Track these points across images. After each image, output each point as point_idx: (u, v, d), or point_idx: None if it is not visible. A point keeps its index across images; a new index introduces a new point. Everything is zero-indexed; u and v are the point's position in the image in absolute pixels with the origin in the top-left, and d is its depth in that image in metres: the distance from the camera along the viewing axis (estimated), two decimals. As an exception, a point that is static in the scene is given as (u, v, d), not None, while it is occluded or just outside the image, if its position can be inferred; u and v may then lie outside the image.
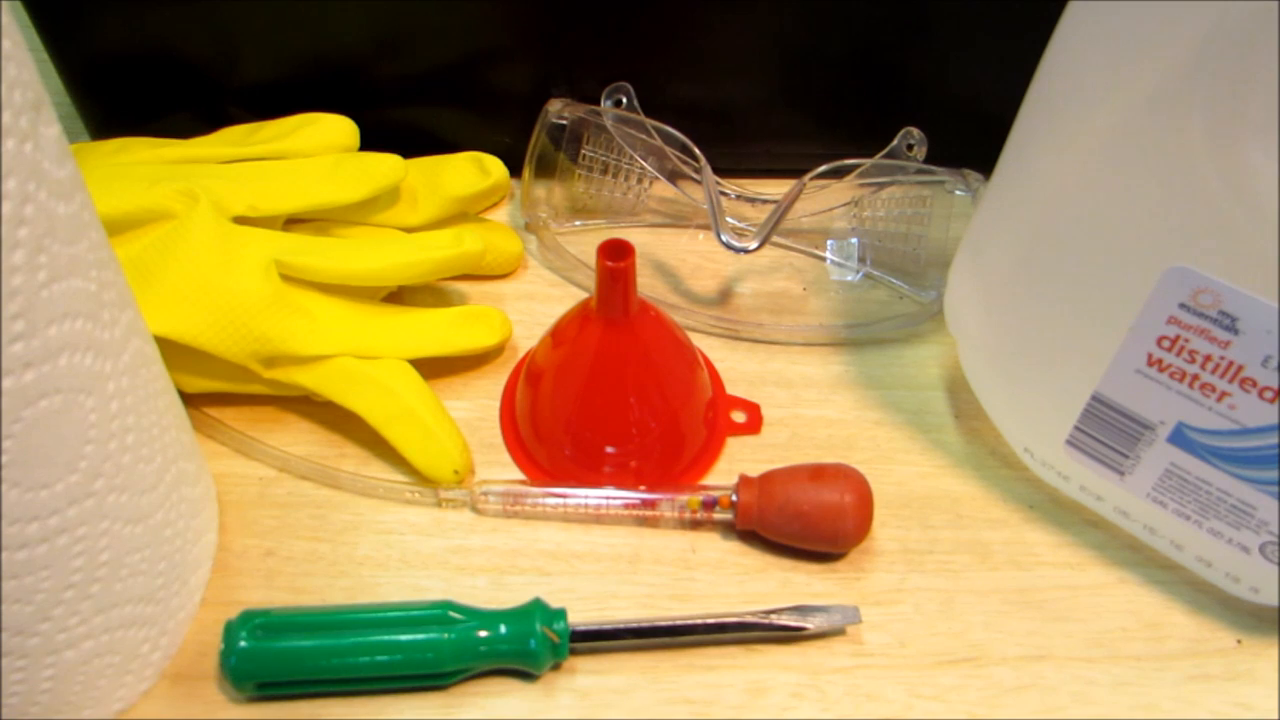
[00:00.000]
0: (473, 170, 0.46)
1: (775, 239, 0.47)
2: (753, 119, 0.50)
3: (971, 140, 0.41)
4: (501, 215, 0.50)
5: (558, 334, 0.39)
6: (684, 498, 0.37)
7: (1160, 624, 0.36)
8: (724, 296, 0.47)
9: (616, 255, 0.35)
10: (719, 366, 0.44)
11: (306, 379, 0.38)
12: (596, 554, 0.37)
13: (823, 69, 0.48)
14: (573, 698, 0.33)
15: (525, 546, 0.37)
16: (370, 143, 0.43)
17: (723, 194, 0.47)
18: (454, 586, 0.36)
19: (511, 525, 0.38)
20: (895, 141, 0.45)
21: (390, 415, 0.38)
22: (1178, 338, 0.30)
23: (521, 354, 0.44)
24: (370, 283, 0.40)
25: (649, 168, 0.47)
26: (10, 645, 0.27)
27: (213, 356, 0.37)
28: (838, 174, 0.44)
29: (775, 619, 0.34)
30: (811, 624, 0.34)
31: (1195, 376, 0.31)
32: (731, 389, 0.43)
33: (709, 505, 0.37)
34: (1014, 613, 0.36)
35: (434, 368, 0.41)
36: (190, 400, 0.39)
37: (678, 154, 0.46)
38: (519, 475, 0.40)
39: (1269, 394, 0.29)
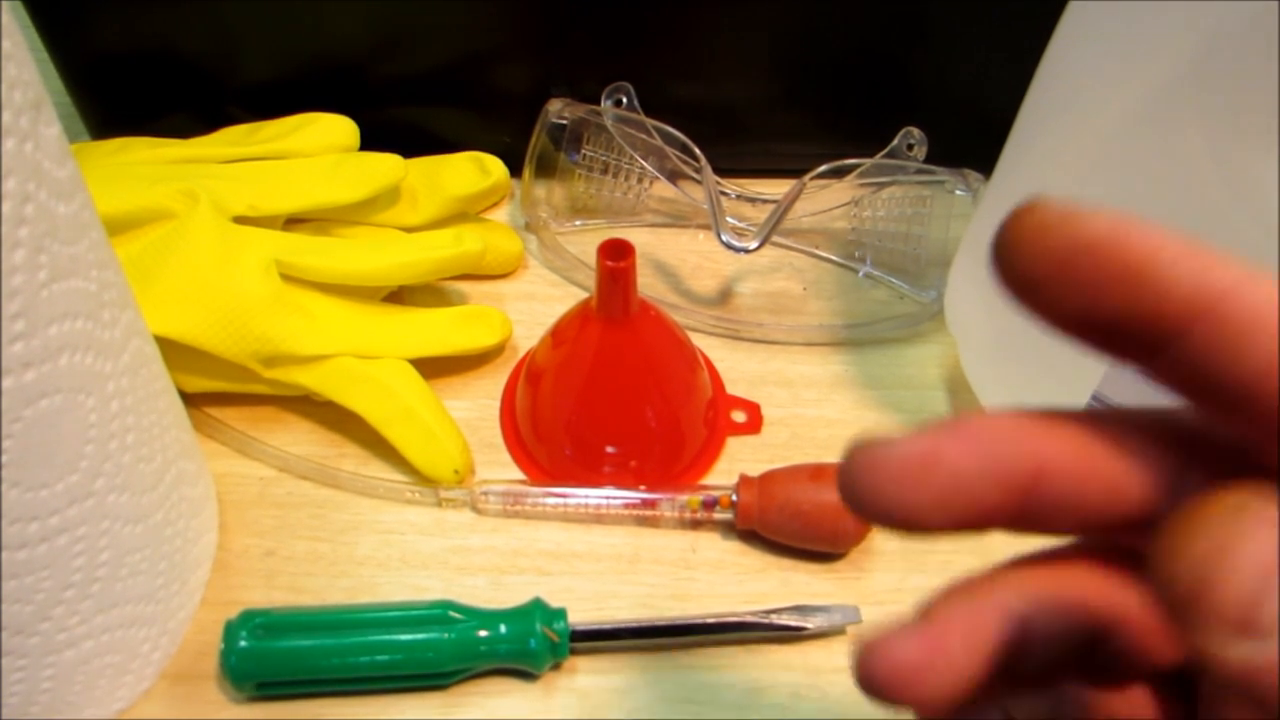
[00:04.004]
0: (473, 170, 0.46)
1: (775, 239, 0.47)
2: (753, 119, 0.50)
3: (971, 140, 0.41)
4: (501, 215, 0.50)
5: (558, 334, 0.39)
6: (684, 497, 0.37)
7: (1160, 624, 0.36)
8: (724, 296, 0.47)
9: (616, 255, 0.35)
10: (719, 366, 0.44)
11: (306, 379, 0.38)
12: (596, 554, 0.37)
13: (823, 69, 0.48)
14: (573, 698, 0.33)
15: (525, 546, 0.37)
16: (370, 143, 0.43)
17: (723, 194, 0.47)
18: (454, 586, 0.36)
19: (511, 525, 0.38)
20: (895, 141, 0.45)
21: (390, 415, 0.38)
22: (1178, 338, 0.30)
23: (521, 354, 0.44)
24: (370, 283, 0.40)
25: (649, 168, 0.47)
26: (10, 645, 0.27)
27: (213, 356, 0.37)
28: (838, 174, 0.44)
29: (775, 619, 0.34)
30: (811, 624, 0.34)
31: (1195, 376, 0.30)
32: (731, 389, 0.43)
33: (709, 505, 0.37)
34: (1014, 613, 0.36)
35: (434, 368, 0.41)
36: (190, 400, 0.39)
37: (678, 154, 0.46)
38: (519, 475, 0.40)
39: (1269, 394, 0.29)
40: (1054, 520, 0.15)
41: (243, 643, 0.31)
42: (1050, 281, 0.14)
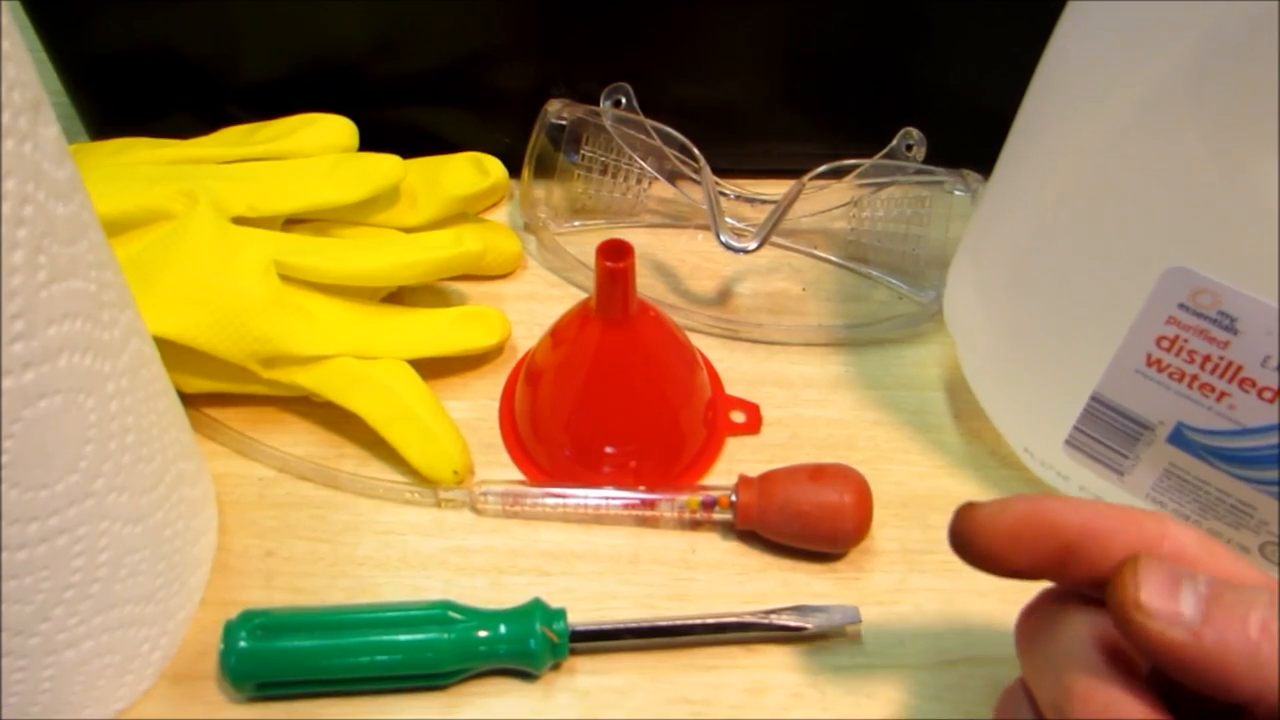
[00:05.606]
0: (472, 170, 0.46)
1: (775, 239, 0.47)
2: (753, 119, 0.50)
3: (971, 140, 0.41)
4: (501, 215, 0.50)
5: (557, 334, 0.39)
6: (684, 498, 0.37)
7: (1160, 624, 0.36)
8: (723, 296, 0.47)
9: (616, 255, 0.35)
10: (719, 366, 0.44)
11: (306, 379, 0.38)
12: (596, 554, 0.37)
13: (823, 69, 0.48)
14: (573, 698, 0.33)
15: (525, 546, 0.37)
16: (370, 143, 0.43)
17: (722, 194, 0.47)
18: (454, 586, 0.36)
19: (511, 525, 0.38)
20: (895, 141, 0.45)
21: (390, 415, 0.38)
22: (1177, 338, 0.30)
23: (521, 354, 0.44)
24: (370, 283, 0.40)
25: (648, 168, 0.47)
26: (10, 645, 0.27)
27: (213, 356, 0.37)
28: (837, 174, 0.44)
29: (775, 619, 0.34)
30: (811, 624, 0.34)
31: (1194, 377, 0.31)
32: (731, 389, 0.43)
33: (709, 505, 0.37)
34: (1014, 613, 0.36)
35: (434, 368, 0.41)
36: (190, 400, 0.39)
37: (677, 154, 0.46)
38: (519, 475, 0.40)
39: (1268, 394, 0.29)
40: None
41: (242, 643, 0.31)
42: (1004, 553, 0.25)
